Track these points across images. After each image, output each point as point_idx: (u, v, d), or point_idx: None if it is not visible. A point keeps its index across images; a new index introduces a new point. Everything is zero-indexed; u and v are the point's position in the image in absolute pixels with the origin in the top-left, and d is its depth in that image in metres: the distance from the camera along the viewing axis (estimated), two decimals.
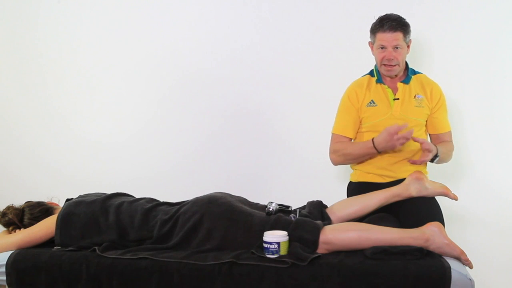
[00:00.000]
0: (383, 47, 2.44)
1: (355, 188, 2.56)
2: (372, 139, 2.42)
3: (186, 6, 3.18)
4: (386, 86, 2.53)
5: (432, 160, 2.44)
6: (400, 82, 2.53)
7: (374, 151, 2.43)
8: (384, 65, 2.47)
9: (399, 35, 2.41)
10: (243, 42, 3.14)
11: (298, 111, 3.10)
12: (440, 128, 2.57)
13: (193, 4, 3.17)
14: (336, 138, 2.58)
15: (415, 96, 2.52)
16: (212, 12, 3.15)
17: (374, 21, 2.49)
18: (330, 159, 2.60)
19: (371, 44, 2.53)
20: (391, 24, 2.40)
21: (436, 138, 2.59)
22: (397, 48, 2.43)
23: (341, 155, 2.54)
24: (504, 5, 2.89)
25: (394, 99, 2.50)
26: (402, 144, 2.35)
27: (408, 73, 2.55)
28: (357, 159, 2.54)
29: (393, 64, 2.45)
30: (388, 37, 2.41)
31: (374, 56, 2.54)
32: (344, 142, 2.56)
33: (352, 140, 2.60)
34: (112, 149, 3.29)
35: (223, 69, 3.17)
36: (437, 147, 2.42)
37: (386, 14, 2.46)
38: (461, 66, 2.95)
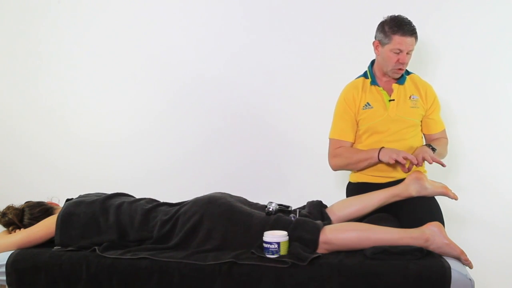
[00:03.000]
0: (399, 51, 2.40)
1: (354, 188, 2.56)
2: (380, 149, 2.39)
3: (187, 9, 3.18)
4: (381, 88, 2.52)
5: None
6: (395, 83, 2.52)
7: (376, 155, 2.39)
8: (396, 68, 2.45)
9: (414, 40, 2.41)
10: (242, 44, 3.14)
11: (297, 112, 3.10)
12: (434, 129, 2.57)
13: (192, 6, 3.17)
14: (335, 143, 2.55)
15: (410, 97, 2.51)
16: (210, 14, 3.15)
17: (385, 20, 2.44)
18: (330, 164, 2.57)
19: (379, 43, 2.46)
20: (409, 28, 2.38)
21: (431, 138, 2.59)
22: (409, 53, 2.42)
23: (342, 159, 2.51)
24: (503, 6, 2.89)
25: (390, 100, 2.49)
26: (399, 159, 2.30)
27: (402, 74, 2.55)
28: (357, 164, 2.50)
29: (403, 68, 2.45)
30: (407, 42, 2.38)
31: (379, 56, 2.49)
32: (344, 147, 2.53)
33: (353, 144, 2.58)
34: (112, 149, 3.29)
35: (223, 69, 3.17)
36: (432, 145, 2.42)
37: (399, 16, 2.42)
38: (461, 67, 2.95)
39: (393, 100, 2.49)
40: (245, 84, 3.16)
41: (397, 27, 2.38)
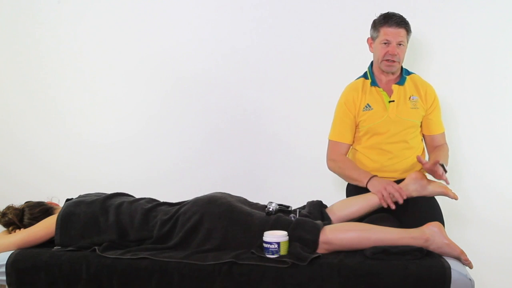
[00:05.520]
0: (387, 42, 2.43)
1: (354, 189, 2.55)
2: (372, 176, 2.38)
3: (185, 8, 3.18)
4: (381, 89, 2.52)
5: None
6: (395, 84, 2.52)
7: (365, 181, 2.38)
8: (386, 60, 2.45)
9: (403, 31, 2.43)
10: (241, 43, 3.14)
11: (297, 111, 3.10)
12: (434, 130, 2.57)
13: (191, 6, 3.18)
14: (334, 145, 2.57)
15: (410, 98, 2.51)
16: (210, 14, 3.15)
17: (376, 17, 2.49)
18: (327, 165, 2.60)
19: (371, 40, 2.52)
20: (397, 20, 2.42)
21: (431, 140, 2.58)
22: (400, 44, 2.43)
23: (337, 167, 2.54)
24: (502, 5, 2.89)
25: (390, 102, 2.49)
26: (383, 202, 2.30)
27: (402, 74, 2.54)
28: (347, 178, 2.54)
29: (395, 60, 2.45)
30: (393, 32, 2.41)
31: (373, 52, 2.53)
32: (343, 156, 2.55)
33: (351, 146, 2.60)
34: (112, 149, 3.29)
35: (223, 70, 3.17)
36: (442, 162, 2.36)
37: (388, 12, 2.46)
38: (461, 66, 2.95)
39: (393, 101, 2.49)
40: (245, 84, 3.15)
41: (384, 20, 2.44)
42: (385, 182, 2.33)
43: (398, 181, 2.42)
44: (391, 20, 2.42)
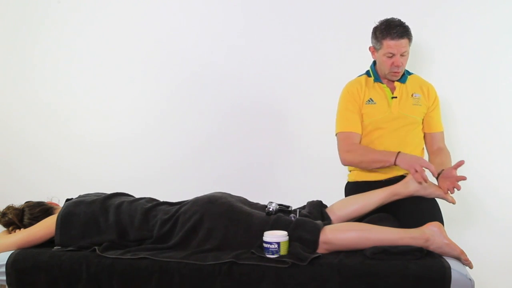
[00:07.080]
0: (391, 55, 2.42)
1: (353, 188, 2.56)
2: (398, 152, 2.35)
3: (189, 4, 3.18)
4: (384, 85, 2.54)
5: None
6: (397, 81, 2.54)
7: (393, 159, 2.34)
8: (392, 72, 2.47)
9: (405, 41, 2.41)
10: (244, 41, 3.14)
11: (298, 111, 3.10)
12: (433, 128, 2.58)
13: (195, 2, 3.18)
14: (344, 137, 2.51)
15: (412, 95, 2.53)
16: (214, 10, 3.16)
17: (376, 25, 2.46)
18: (341, 159, 2.52)
19: (373, 48, 2.51)
20: (398, 31, 2.38)
21: (431, 138, 2.59)
22: (403, 55, 2.43)
23: (357, 155, 2.47)
24: (501, 6, 2.89)
25: (392, 98, 2.51)
26: (417, 176, 2.26)
27: (404, 73, 2.55)
28: (370, 163, 2.45)
29: (400, 70, 2.46)
30: (397, 45, 2.39)
31: (376, 60, 2.54)
32: (358, 144, 2.50)
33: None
34: (112, 149, 3.29)
35: (223, 69, 3.17)
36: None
37: (388, 20, 2.43)
38: (460, 67, 2.95)
39: (396, 97, 2.51)
40: (245, 84, 3.16)
41: (386, 31, 2.40)
42: (416, 157, 2.32)
43: (397, 178, 2.44)
44: (393, 32, 2.38)
